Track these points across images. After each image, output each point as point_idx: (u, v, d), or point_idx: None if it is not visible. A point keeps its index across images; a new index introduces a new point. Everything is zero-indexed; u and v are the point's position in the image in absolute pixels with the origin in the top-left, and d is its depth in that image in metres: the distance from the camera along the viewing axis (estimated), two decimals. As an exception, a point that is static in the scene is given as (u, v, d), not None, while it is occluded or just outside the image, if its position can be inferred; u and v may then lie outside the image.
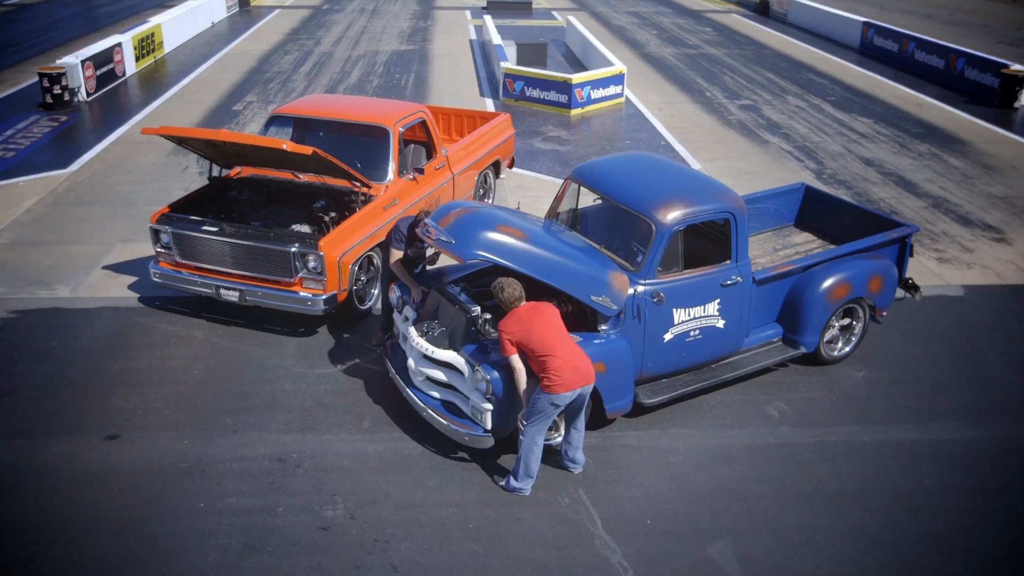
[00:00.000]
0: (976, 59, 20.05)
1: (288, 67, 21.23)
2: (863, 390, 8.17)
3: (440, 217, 6.99)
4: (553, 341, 6.34)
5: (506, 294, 6.47)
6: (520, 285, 6.51)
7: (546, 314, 6.47)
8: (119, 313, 9.22)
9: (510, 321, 6.40)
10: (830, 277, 8.12)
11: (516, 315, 6.43)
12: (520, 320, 6.38)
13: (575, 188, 8.15)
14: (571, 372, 6.31)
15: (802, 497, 6.74)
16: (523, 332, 6.33)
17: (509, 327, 6.38)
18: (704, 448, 7.29)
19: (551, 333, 6.38)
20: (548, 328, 6.39)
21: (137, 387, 7.92)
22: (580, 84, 17.38)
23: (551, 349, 6.29)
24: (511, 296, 6.47)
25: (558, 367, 6.27)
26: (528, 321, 6.37)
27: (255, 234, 8.50)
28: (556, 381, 6.28)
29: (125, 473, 6.83)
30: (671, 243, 7.21)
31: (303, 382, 8.05)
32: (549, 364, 6.28)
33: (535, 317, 6.40)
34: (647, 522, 6.42)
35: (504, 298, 6.48)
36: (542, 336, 6.33)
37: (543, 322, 6.40)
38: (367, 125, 9.67)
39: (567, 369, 6.29)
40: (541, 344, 6.30)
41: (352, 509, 6.47)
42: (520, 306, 6.47)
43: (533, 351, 6.32)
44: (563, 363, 6.29)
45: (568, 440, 6.82)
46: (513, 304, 6.47)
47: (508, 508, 6.52)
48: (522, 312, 6.44)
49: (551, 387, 6.29)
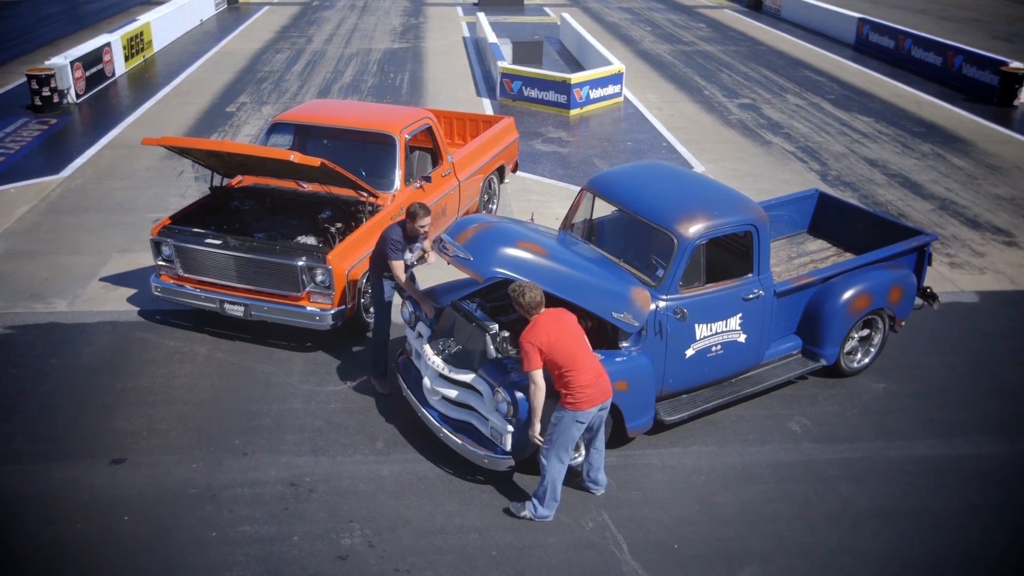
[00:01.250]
0: (974, 56, 19.96)
1: (280, 66, 20.92)
2: (884, 403, 8.02)
3: (457, 233, 6.78)
4: (576, 353, 6.10)
5: (527, 299, 6.15)
6: (540, 289, 6.24)
7: (567, 322, 6.21)
8: (119, 328, 8.96)
9: (535, 331, 6.08)
10: (850, 288, 7.96)
11: (539, 324, 6.12)
12: (545, 329, 6.09)
13: (590, 198, 7.96)
14: (594, 386, 6.11)
15: (831, 518, 6.58)
16: (548, 343, 6.04)
17: (535, 336, 6.04)
18: (727, 466, 7.12)
19: (574, 343, 6.14)
20: (571, 337, 6.15)
21: (141, 407, 7.69)
22: (579, 84, 17.17)
23: (575, 362, 6.06)
24: (532, 301, 6.15)
25: (583, 382, 6.05)
26: (553, 330, 6.09)
27: (261, 247, 8.27)
28: (581, 397, 6.07)
29: (133, 500, 6.60)
30: (693, 257, 7.02)
31: (312, 400, 7.83)
32: (573, 379, 6.05)
33: (558, 326, 6.14)
34: (675, 547, 6.25)
35: (525, 303, 6.15)
36: (567, 347, 6.08)
37: (566, 331, 6.15)
38: (372, 132, 9.44)
39: (590, 383, 6.09)
40: (565, 356, 6.05)
41: (370, 536, 6.26)
42: (541, 313, 6.19)
43: (556, 364, 6.06)
44: (587, 376, 6.06)
45: (589, 460, 6.63)
46: (534, 311, 6.16)
47: (531, 534, 6.33)
48: (545, 320, 6.14)
49: (576, 403, 6.07)
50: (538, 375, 6.08)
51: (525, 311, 6.19)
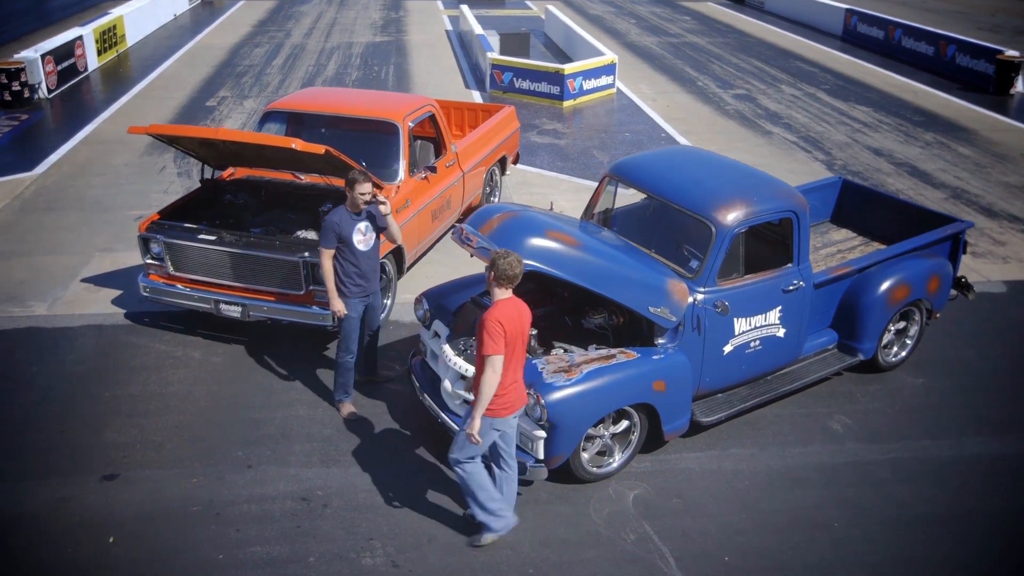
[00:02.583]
0: (968, 45, 19.72)
1: (260, 60, 20.23)
2: (925, 399, 7.59)
3: (480, 223, 6.23)
4: (513, 354, 5.38)
5: (506, 268, 5.25)
6: (523, 266, 5.39)
7: (524, 318, 5.42)
8: (105, 332, 8.33)
9: (506, 311, 5.27)
10: (888, 278, 7.52)
11: (507, 308, 5.31)
12: (511, 315, 5.30)
13: (613, 186, 7.46)
14: (513, 393, 5.45)
15: (887, 524, 6.13)
16: (512, 331, 5.27)
17: (507, 318, 5.24)
18: (771, 470, 6.65)
19: (522, 343, 5.43)
20: (520, 336, 5.39)
21: (133, 417, 7.08)
22: (572, 74, 16.68)
23: (508, 363, 5.34)
24: (511, 272, 5.27)
25: (506, 382, 5.36)
26: (517, 319, 5.32)
27: (259, 242, 7.68)
28: (499, 403, 5.38)
29: (128, 520, 5.99)
30: (732, 247, 6.54)
31: (319, 407, 7.26)
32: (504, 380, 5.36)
33: (518, 319, 5.35)
34: (725, 559, 5.76)
35: (500, 269, 5.26)
36: (518, 346, 5.36)
37: (522, 326, 5.39)
38: (374, 120, 8.88)
39: (508, 391, 5.41)
40: (514, 353, 5.34)
41: (393, 555, 5.71)
42: (509, 298, 5.38)
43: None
44: (507, 379, 5.37)
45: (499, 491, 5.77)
46: (505, 285, 5.31)
47: (568, 548, 5.81)
48: (511, 306, 5.35)
49: (494, 410, 5.40)
50: (499, 362, 5.25)
51: (496, 281, 5.32)
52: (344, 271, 6.74)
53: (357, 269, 6.74)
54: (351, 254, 6.69)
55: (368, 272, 6.81)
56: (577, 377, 5.97)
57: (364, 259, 6.75)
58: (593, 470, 6.35)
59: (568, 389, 5.91)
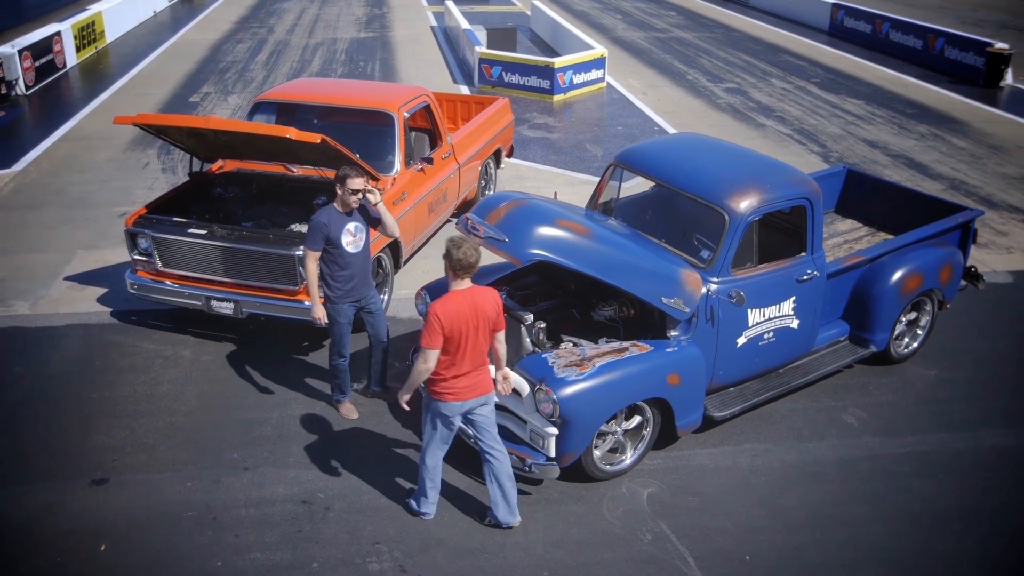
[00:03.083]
0: (957, 38, 19.66)
1: (243, 56, 19.88)
2: (939, 391, 7.42)
3: (486, 212, 5.98)
4: (467, 344, 5.19)
5: (461, 256, 5.08)
6: (480, 252, 5.20)
7: (484, 309, 5.20)
8: (90, 331, 8.02)
9: (448, 306, 5.09)
10: (900, 268, 7.34)
11: (454, 301, 5.12)
12: (457, 309, 5.11)
13: (618, 175, 7.23)
14: (461, 383, 5.29)
15: (910, 519, 5.93)
16: (451, 327, 5.10)
17: (446, 313, 5.07)
18: (787, 465, 6.44)
19: (473, 333, 5.20)
20: (476, 328, 5.19)
21: (122, 419, 6.77)
22: (562, 68, 16.46)
23: (459, 353, 5.20)
24: (466, 260, 5.10)
25: (451, 374, 5.24)
26: (463, 320, 5.12)
27: (252, 236, 7.39)
28: (442, 388, 5.27)
29: (120, 526, 5.70)
30: (746, 235, 6.33)
31: (316, 406, 6.99)
32: (444, 369, 5.24)
33: (471, 313, 5.15)
34: (746, 558, 5.54)
35: (455, 260, 5.10)
36: (463, 338, 5.17)
37: (475, 319, 5.17)
38: (368, 111, 8.61)
39: (456, 380, 5.27)
40: (455, 346, 5.18)
41: (401, 560, 5.45)
42: (462, 291, 5.17)
43: (444, 349, 5.20)
44: (458, 370, 5.24)
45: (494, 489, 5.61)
46: (461, 274, 5.14)
47: (583, 549, 5.57)
48: (462, 299, 5.14)
49: (439, 394, 5.29)
50: (431, 356, 5.14)
51: (452, 268, 5.16)
52: (331, 274, 6.33)
53: (345, 273, 6.33)
54: (340, 256, 6.28)
55: (358, 275, 6.39)
56: (590, 371, 5.74)
57: (354, 262, 6.35)
58: (605, 468, 6.13)
59: (581, 384, 5.67)
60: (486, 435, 5.54)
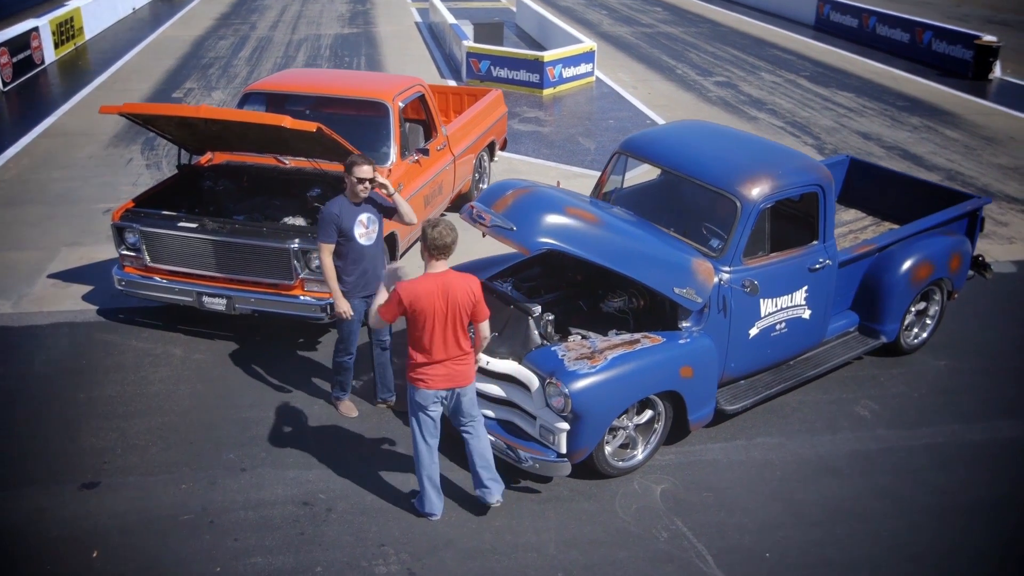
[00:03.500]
0: (944, 31, 19.64)
1: (226, 52, 19.55)
2: (950, 382, 7.28)
3: (492, 199, 5.76)
4: (435, 331, 5.06)
5: (434, 234, 4.97)
6: (455, 235, 5.07)
7: (458, 295, 5.04)
8: (76, 330, 7.74)
9: (414, 288, 5.00)
10: (910, 257, 7.19)
11: (424, 283, 5.02)
12: (424, 292, 5.00)
13: (623, 164, 7.04)
14: (432, 370, 5.17)
15: (930, 513, 5.78)
16: (413, 307, 5.01)
17: (407, 292, 4.98)
18: (801, 459, 6.27)
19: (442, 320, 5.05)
20: (447, 314, 5.04)
21: (112, 419, 6.51)
22: (552, 62, 16.26)
23: (427, 338, 5.08)
24: (440, 242, 4.99)
25: (421, 360, 5.14)
26: (429, 301, 5.00)
27: (245, 230, 7.14)
28: (417, 374, 5.19)
29: (113, 531, 5.45)
30: (758, 223, 6.15)
31: (314, 404, 6.75)
32: (414, 353, 5.17)
33: (443, 295, 5.01)
34: (766, 555, 5.36)
35: (430, 239, 4.98)
36: (432, 321, 5.04)
37: (445, 305, 5.03)
38: (362, 101, 8.37)
39: (426, 367, 5.15)
40: (421, 328, 5.08)
41: (408, 562, 5.23)
42: (437, 274, 5.05)
43: (411, 328, 5.15)
44: (428, 357, 5.12)
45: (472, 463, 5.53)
46: (437, 255, 5.03)
47: (597, 548, 5.37)
48: (432, 282, 5.03)
49: (413, 379, 5.23)
50: (378, 322, 5.31)
51: (427, 249, 5.05)
52: (343, 268, 6.09)
53: (358, 266, 6.10)
54: (352, 249, 6.05)
55: (371, 268, 6.16)
56: (602, 364, 5.54)
57: (366, 254, 6.11)
58: (617, 464, 5.93)
59: (593, 377, 5.47)
60: (463, 415, 5.38)
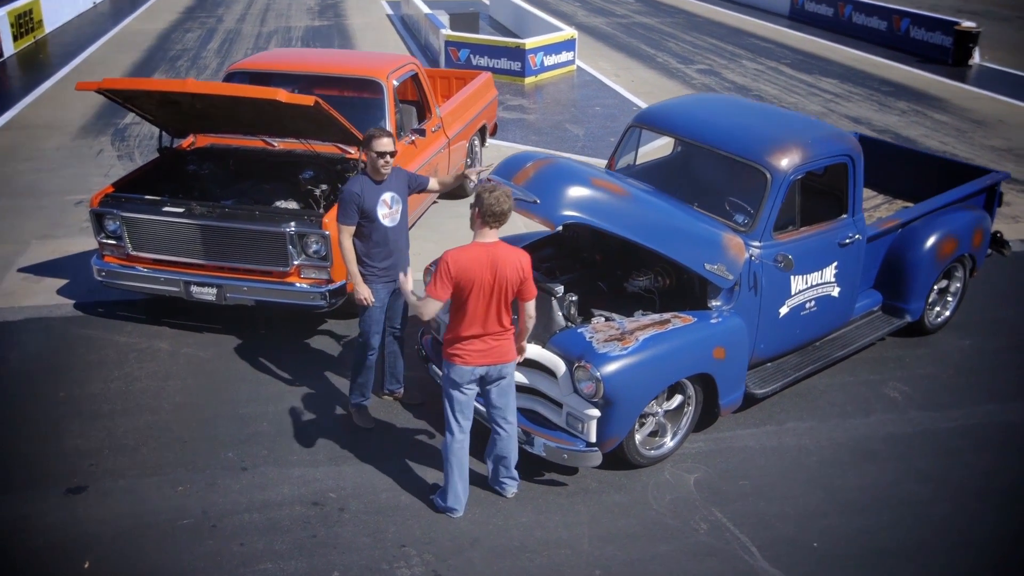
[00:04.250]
0: (923, 18, 19.58)
1: (194, 44, 18.93)
2: (977, 361, 7.02)
3: (512, 172, 5.36)
4: (479, 304, 4.70)
5: (490, 200, 4.59)
6: (512, 203, 4.70)
7: (507, 267, 4.67)
8: (53, 325, 7.22)
9: (461, 258, 4.63)
10: (935, 232, 6.92)
11: (473, 251, 4.65)
12: (477, 259, 4.64)
13: (635, 139, 6.69)
14: (481, 347, 4.81)
15: (977, 497, 5.49)
16: (460, 279, 4.64)
17: (457, 263, 4.61)
18: (836, 444, 5.95)
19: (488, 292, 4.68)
20: (493, 288, 4.68)
21: (97, 419, 6.02)
22: (534, 50, 15.90)
23: (468, 310, 4.72)
24: (495, 209, 4.61)
25: (461, 334, 4.78)
26: (485, 266, 4.63)
27: (236, 214, 6.68)
28: (453, 349, 4.83)
29: (104, 538, 4.97)
30: (788, 195, 5.83)
31: (316, 397, 6.31)
32: (454, 325, 4.82)
33: (492, 266, 4.64)
34: (813, 545, 5.03)
35: (485, 205, 4.60)
36: (475, 294, 4.68)
37: (499, 279, 4.67)
38: (354, 79, 7.94)
39: (466, 341, 4.79)
40: (465, 301, 4.71)
41: (433, 563, 4.82)
42: (487, 244, 4.67)
43: (453, 302, 4.79)
44: (468, 331, 4.77)
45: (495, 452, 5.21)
46: (491, 222, 4.65)
47: (635, 543, 5.01)
48: (482, 251, 4.66)
49: (449, 355, 4.86)
50: (432, 306, 4.72)
51: (481, 219, 4.67)
52: (366, 253, 5.56)
53: (382, 249, 5.58)
54: (375, 231, 5.52)
55: (396, 252, 5.65)
56: (634, 345, 5.17)
57: (391, 236, 5.60)
58: (648, 453, 5.57)
59: (625, 359, 5.10)
60: (497, 408, 5.00)
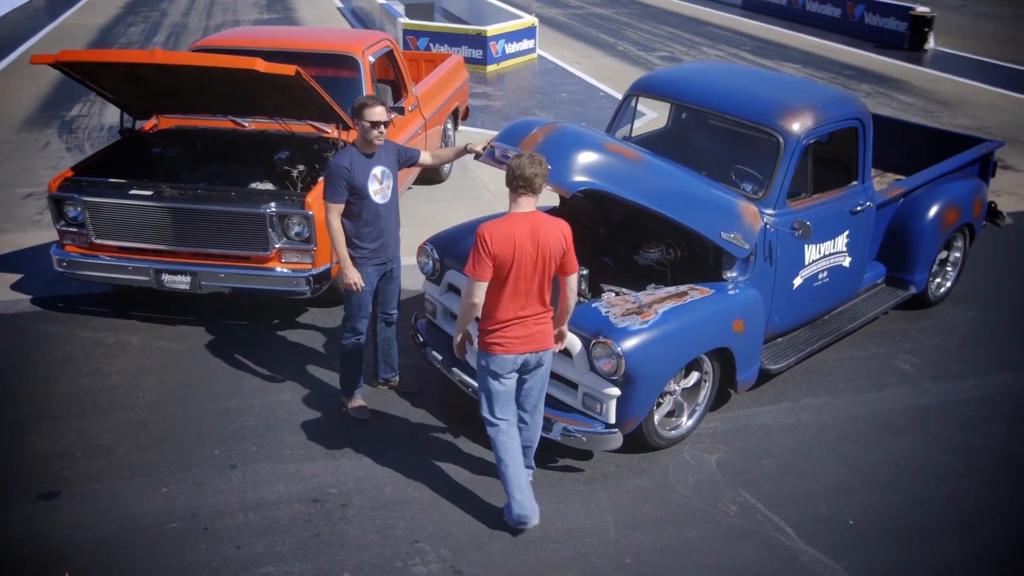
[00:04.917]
0: (877, 4, 19.69)
1: (138, 38, 18.21)
2: (983, 332, 6.88)
3: (519, 138, 5.03)
4: (520, 280, 4.27)
5: (516, 162, 4.21)
6: (543, 168, 4.26)
7: (548, 240, 4.24)
8: (8, 322, 6.67)
9: (503, 230, 4.18)
10: (937, 201, 6.76)
11: (509, 224, 4.21)
12: (513, 231, 4.19)
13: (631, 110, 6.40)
14: (513, 331, 4.36)
15: (1007, 467, 5.30)
16: (503, 254, 4.18)
17: (498, 236, 4.16)
18: (855, 418, 5.72)
19: (537, 272, 4.28)
20: (535, 262, 4.25)
21: (66, 419, 5.52)
22: (495, 37, 15.56)
23: (508, 289, 4.28)
24: (517, 171, 4.19)
25: (500, 317, 4.33)
26: (525, 239, 4.20)
27: (211, 195, 6.22)
28: (491, 339, 4.36)
29: (84, 547, 4.51)
30: (801, 160, 5.58)
31: (305, 388, 5.89)
32: (490, 308, 4.35)
33: (532, 239, 4.21)
34: (849, 523, 4.78)
35: (511, 167, 4.22)
36: (517, 268, 4.24)
37: (541, 252, 4.25)
38: (328, 55, 7.51)
39: (507, 326, 4.35)
40: (505, 277, 4.26)
41: (451, 559, 4.45)
42: (525, 213, 4.24)
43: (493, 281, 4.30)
44: (507, 314, 4.33)
45: None
46: (522, 190, 4.22)
47: (663, 528, 4.70)
48: (521, 222, 4.22)
49: (486, 344, 4.38)
50: (479, 290, 4.25)
51: (508, 183, 4.26)
52: (356, 232, 5.13)
53: (373, 229, 5.15)
54: (365, 208, 5.09)
55: (387, 232, 5.23)
56: (654, 319, 4.86)
57: (382, 214, 5.17)
58: (667, 433, 5.27)
59: (646, 333, 4.79)
60: (529, 398, 4.62)
